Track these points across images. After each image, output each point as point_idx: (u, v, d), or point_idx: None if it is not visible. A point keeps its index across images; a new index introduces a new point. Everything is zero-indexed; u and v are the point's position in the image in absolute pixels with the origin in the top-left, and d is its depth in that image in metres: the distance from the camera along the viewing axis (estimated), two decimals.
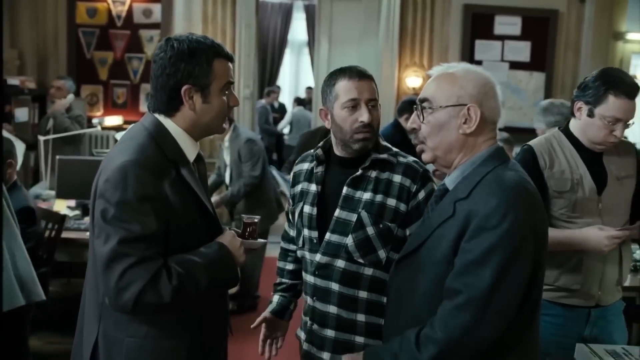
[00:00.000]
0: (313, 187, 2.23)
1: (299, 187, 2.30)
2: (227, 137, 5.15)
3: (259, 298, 5.37)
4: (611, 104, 2.32)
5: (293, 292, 2.42)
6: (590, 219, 2.41)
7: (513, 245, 1.56)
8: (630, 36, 7.65)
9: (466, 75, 1.73)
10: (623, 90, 2.31)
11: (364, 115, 2.11)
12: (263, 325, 2.36)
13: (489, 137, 1.73)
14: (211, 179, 5.46)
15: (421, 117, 1.75)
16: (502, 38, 7.73)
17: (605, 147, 2.42)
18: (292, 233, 2.38)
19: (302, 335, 2.30)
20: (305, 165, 2.31)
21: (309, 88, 11.82)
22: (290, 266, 2.43)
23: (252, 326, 2.39)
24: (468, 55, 7.55)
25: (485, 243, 1.55)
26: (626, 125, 2.36)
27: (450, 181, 1.76)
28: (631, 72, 7.40)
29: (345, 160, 2.20)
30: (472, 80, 1.71)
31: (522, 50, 7.73)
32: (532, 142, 2.50)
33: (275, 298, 2.42)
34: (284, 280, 2.44)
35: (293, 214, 2.32)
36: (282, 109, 11.87)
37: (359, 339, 2.14)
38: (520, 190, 1.62)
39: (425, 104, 1.75)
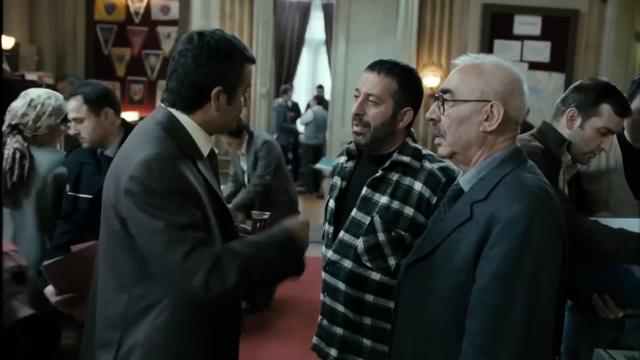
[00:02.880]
0: (339, 182, 2.21)
1: (332, 180, 2.28)
2: (244, 145, 5.19)
3: (272, 298, 5.35)
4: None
5: None
6: None
7: (544, 252, 1.48)
8: None
9: (493, 69, 1.64)
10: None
11: (354, 105, 2.09)
12: None
13: (509, 136, 1.65)
14: (228, 188, 5.46)
15: (441, 109, 1.67)
16: (522, 38, 7.65)
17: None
18: None
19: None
20: (342, 159, 2.27)
21: (320, 86, 11.80)
22: None
23: None
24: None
25: (512, 252, 1.47)
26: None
27: (465, 181, 1.68)
28: None
29: (373, 158, 2.15)
30: (499, 76, 1.62)
31: (541, 51, 7.65)
32: None
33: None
34: None
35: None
36: (295, 108, 11.84)
37: (366, 342, 2.11)
38: (543, 194, 1.54)
39: (447, 96, 1.66)
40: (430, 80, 7.56)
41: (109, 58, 7.85)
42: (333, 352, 2.17)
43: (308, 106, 11.79)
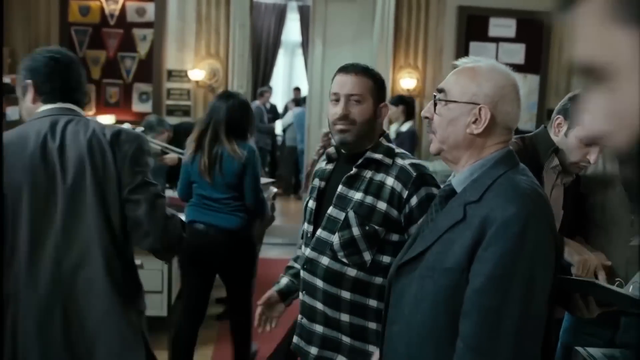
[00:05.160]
0: (318, 183, 2.28)
1: (313, 182, 2.35)
2: None
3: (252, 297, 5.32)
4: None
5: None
6: (621, 228, 2.39)
7: (538, 254, 1.50)
8: None
9: (487, 73, 1.66)
10: None
11: (337, 108, 2.15)
12: (263, 299, 2.37)
13: (499, 140, 1.67)
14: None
15: (435, 108, 1.70)
16: (497, 40, 7.73)
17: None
18: None
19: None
20: (324, 164, 2.35)
21: (297, 89, 11.78)
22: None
23: (258, 302, 2.37)
24: (462, 57, 7.52)
25: (507, 254, 1.48)
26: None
27: (457, 182, 1.69)
28: None
29: (349, 158, 2.21)
30: (491, 80, 1.65)
31: (516, 53, 7.73)
32: None
33: (284, 280, 2.42)
34: (295, 265, 2.43)
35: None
36: (273, 110, 11.81)
37: (345, 339, 2.15)
38: (536, 196, 1.56)
39: (440, 95, 1.69)
40: (406, 82, 7.59)
41: (84, 60, 7.75)
42: (313, 350, 2.20)
43: (286, 108, 11.77)
